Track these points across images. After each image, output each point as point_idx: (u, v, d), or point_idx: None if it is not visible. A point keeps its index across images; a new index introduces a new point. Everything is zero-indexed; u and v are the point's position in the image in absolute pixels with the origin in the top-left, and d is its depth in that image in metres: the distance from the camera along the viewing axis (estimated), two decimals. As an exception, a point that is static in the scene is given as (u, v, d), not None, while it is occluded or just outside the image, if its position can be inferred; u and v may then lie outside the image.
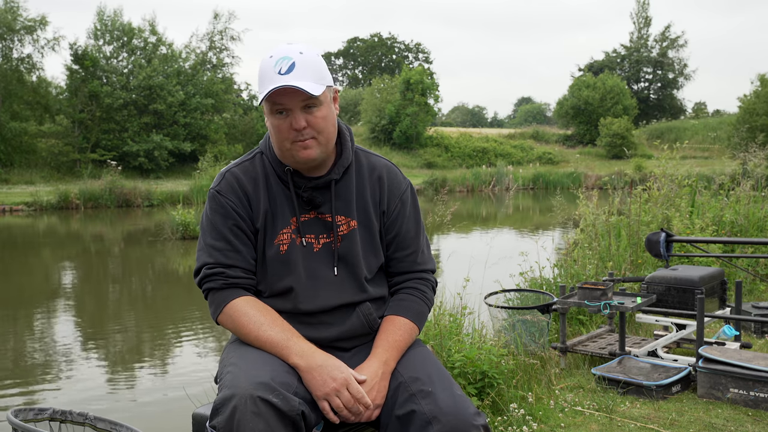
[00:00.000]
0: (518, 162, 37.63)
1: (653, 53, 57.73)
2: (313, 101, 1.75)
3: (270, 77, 1.73)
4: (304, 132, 1.76)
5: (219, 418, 1.55)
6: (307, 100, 1.74)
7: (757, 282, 6.51)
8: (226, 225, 1.82)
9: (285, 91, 1.72)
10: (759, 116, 35.04)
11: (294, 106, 1.74)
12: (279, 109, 1.75)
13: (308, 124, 1.76)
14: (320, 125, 1.77)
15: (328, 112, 1.79)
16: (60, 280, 11.01)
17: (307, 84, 1.71)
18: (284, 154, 1.82)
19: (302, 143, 1.77)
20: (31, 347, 6.63)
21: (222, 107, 33.82)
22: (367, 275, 1.88)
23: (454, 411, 1.63)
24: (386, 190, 1.93)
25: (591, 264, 5.77)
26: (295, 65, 1.72)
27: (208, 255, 1.81)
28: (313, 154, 1.79)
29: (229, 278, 1.80)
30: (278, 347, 1.71)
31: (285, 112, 1.75)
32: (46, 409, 2.20)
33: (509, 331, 4.31)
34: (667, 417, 3.28)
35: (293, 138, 1.77)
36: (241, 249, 1.82)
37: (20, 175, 26.01)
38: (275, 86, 1.70)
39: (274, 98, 1.73)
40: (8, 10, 28.26)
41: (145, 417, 4.65)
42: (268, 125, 1.81)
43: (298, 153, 1.78)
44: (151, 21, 33.01)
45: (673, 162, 7.50)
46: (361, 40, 69.63)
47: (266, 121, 1.84)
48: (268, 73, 1.73)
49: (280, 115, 1.76)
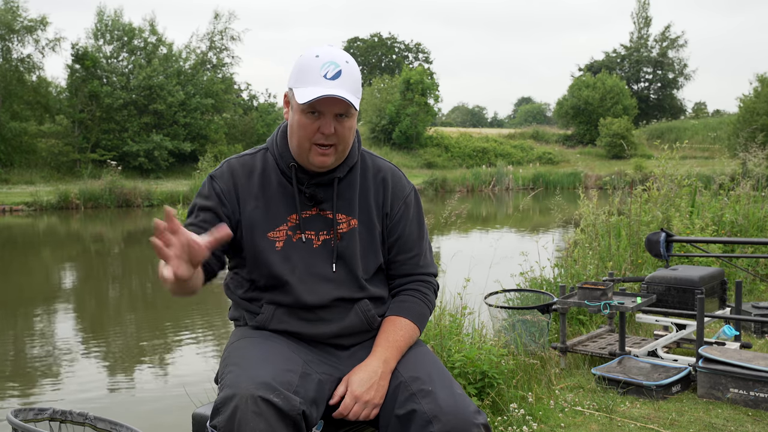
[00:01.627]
0: (518, 162, 37.62)
1: (653, 53, 57.71)
2: (346, 111, 1.76)
3: (315, 78, 1.72)
4: (330, 138, 1.77)
5: (220, 417, 1.55)
6: (343, 110, 1.76)
7: (757, 282, 6.51)
8: (204, 208, 1.84)
9: (327, 99, 1.72)
10: (759, 116, 35.01)
11: (328, 112, 1.75)
12: (314, 110, 1.76)
13: (335, 132, 1.77)
14: (346, 135, 1.79)
15: (353, 124, 1.82)
16: (60, 280, 11.01)
17: (350, 96, 1.73)
18: (301, 152, 1.82)
19: (322, 149, 1.78)
20: (31, 347, 6.63)
21: (222, 107, 33.81)
22: (364, 275, 1.88)
23: (454, 410, 1.63)
24: (390, 193, 1.94)
25: (591, 264, 5.77)
26: (341, 73, 1.73)
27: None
28: (329, 161, 1.81)
29: None
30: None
31: (317, 114, 1.76)
32: (46, 409, 2.20)
33: (509, 331, 4.31)
34: (667, 417, 3.28)
35: (316, 140, 1.77)
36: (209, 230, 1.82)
37: (20, 175, 26.00)
38: (323, 93, 1.70)
39: (313, 104, 1.74)
40: (8, 10, 28.25)
41: (145, 417, 4.65)
42: (292, 120, 1.81)
43: (315, 157, 1.79)
44: (151, 21, 33.04)
45: (673, 162, 7.49)
46: (361, 40, 69.61)
47: (288, 113, 1.85)
48: (313, 73, 1.73)
49: (311, 115, 1.76)
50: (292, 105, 1.81)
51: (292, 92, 1.77)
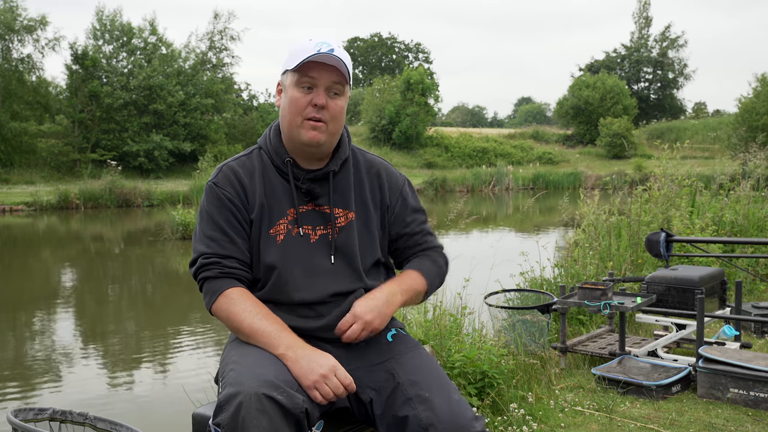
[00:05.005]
0: (518, 162, 37.62)
1: (653, 53, 57.71)
2: (339, 87, 1.81)
3: (309, 52, 1.77)
4: (322, 111, 1.80)
5: (223, 415, 1.55)
6: (336, 84, 1.80)
7: (757, 282, 6.51)
8: (222, 216, 1.84)
9: (320, 66, 1.77)
10: (759, 116, 35.01)
11: (322, 85, 1.79)
12: (307, 83, 1.79)
13: (327, 107, 1.80)
14: (336, 113, 1.82)
15: (344, 105, 1.86)
16: (60, 280, 11.01)
17: (342, 68, 1.79)
18: (292, 131, 1.84)
19: (313, 123, 1.80)
20: (31, 347, 6.63)
21: (222, 107, 33.82)
22: (363, 267, 1.89)
23: (450, 418, 1.64)
24: (386, 187, 1.97)
25: (591, 264, 5.78)
26: (334, 50, 1.79)
27: (205, 245, 1.83)
28: (320, 137, 1.82)
29: (224, 268, 1.81)
30: (269, 337, 1.72)
31: (311, 88, 1.80)
32: (46, 409, 2.20)
33: (509, 331, 4.31)
34: (667, 417, 3.28)
35: (308, 114, 1.80)
36: (236, 240, 1.83)
37: (20, 175, 26.00)
38: (319, 53, 1.75)
39: (306, 70, 1.78)
40: (8, 10, 28.25)
41: (145, 417, 4.64)
42: (284, 101, 1.85)
43: (306, 132, 1.81)
44: (151, 21, 33.02)
45: (673, 162, 7.50)
46: (361, 40, 69.62)
47: (279, 101, 1.88)
48: (307, 49, 1.78)
49: (304, 90, 1.80)
50: (285, 86, 1.85)
51: (286, 73, 1.83)
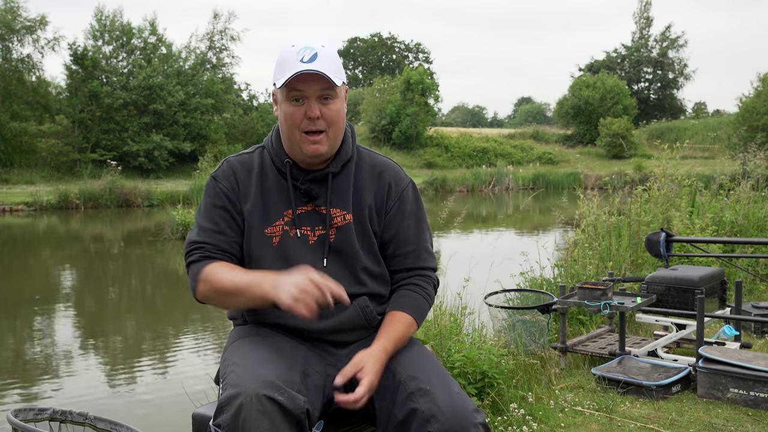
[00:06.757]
0: (518, 162, 37.61)
1: (653, 53, 57.69)
2: (329, 93, 1.78)
3: (292, 64, 1.75)
4: (318, 122, 1.78)
5: (224, 416, 1.55)
6: (325, 90, 1.77)
7: (757, 282, 6.51)
8: (215, 208, 1.87)
9: (305, 78, 1.74)
10: (760, 116, 35.00)
11: (311, 95, 1.77)
12: (296, 96, 1.77)
13: (322, 115, 1.78)
14: (333, 118, 1.80)
15: (341, 107, 1.83)
16: (60, 280, 11.01)
17: (328, 73, 1.75)
18: (292, 145, 1.83)
19: (312, 137, 1.79)
20: (31, 347, 6.63)
21: (222, 107, 33.82)
22: (361, 269, 1.88)
23: (452, 409, 1.63)
24: (386, 188, 1.93)
25: (591, 264, 5.77)
26: (317, 56, 1.76)
27: (196, 234, 1.87)
28: (321, 149, 1.81)
29: (207, 251, 1.83)
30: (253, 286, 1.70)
31: (301, 100, 1.78)
32: (46, 409, 2.20)
33: (509, 331, 4.31)
34: (667, 417, 3.28)
35: (305, 127, 1.79)
36: (227, 232, 1.85)
37: (20, 175, 26.00)
38: (297, 70, 1.72)
39: (293, 84, 1.76)
40: (8, 10, 28.26)
41: (145, 417, 4.64)
42: (280, 115, 1.84)
43: (307, 146, 1.80)
44: (151, 21, 33.02)
45: (673, 162, 7.50)
46: (361, 39, 69.60)
47: (277, 111, 1.87)
48: (290, 59, 1.76)
49: (295, 103, 1.78)
50: (278, 100, 1.84)
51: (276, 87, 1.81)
